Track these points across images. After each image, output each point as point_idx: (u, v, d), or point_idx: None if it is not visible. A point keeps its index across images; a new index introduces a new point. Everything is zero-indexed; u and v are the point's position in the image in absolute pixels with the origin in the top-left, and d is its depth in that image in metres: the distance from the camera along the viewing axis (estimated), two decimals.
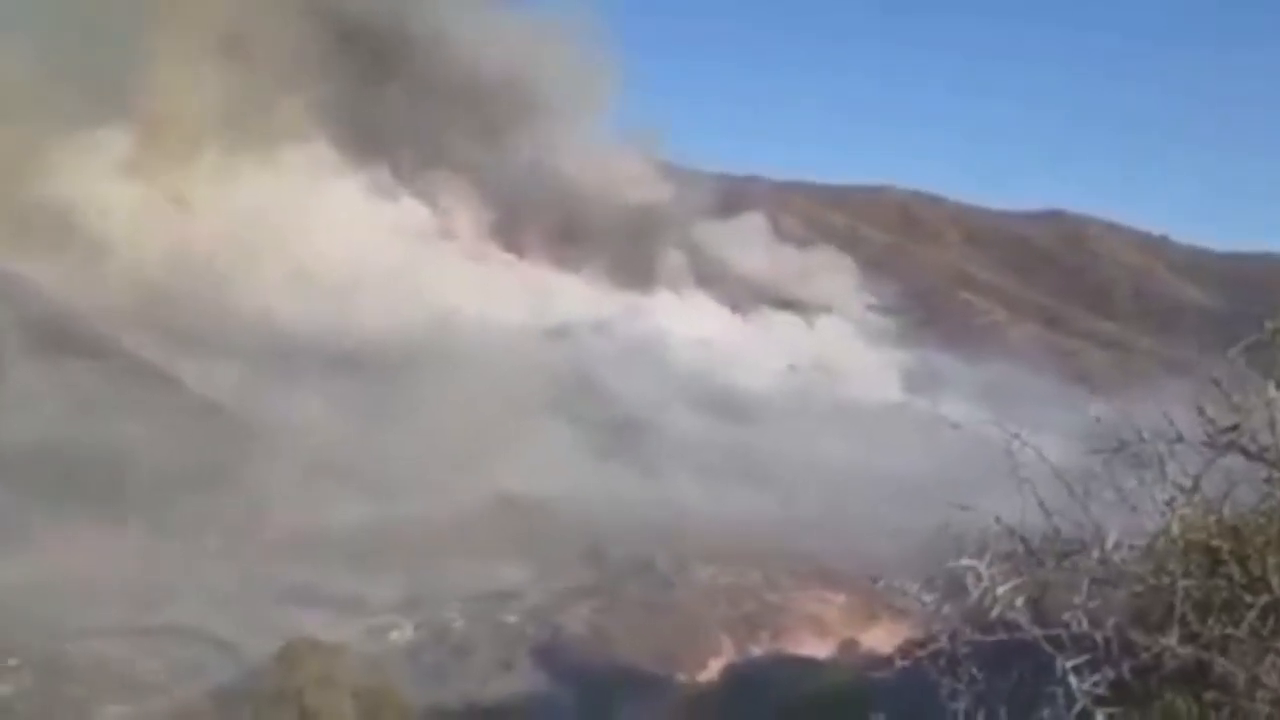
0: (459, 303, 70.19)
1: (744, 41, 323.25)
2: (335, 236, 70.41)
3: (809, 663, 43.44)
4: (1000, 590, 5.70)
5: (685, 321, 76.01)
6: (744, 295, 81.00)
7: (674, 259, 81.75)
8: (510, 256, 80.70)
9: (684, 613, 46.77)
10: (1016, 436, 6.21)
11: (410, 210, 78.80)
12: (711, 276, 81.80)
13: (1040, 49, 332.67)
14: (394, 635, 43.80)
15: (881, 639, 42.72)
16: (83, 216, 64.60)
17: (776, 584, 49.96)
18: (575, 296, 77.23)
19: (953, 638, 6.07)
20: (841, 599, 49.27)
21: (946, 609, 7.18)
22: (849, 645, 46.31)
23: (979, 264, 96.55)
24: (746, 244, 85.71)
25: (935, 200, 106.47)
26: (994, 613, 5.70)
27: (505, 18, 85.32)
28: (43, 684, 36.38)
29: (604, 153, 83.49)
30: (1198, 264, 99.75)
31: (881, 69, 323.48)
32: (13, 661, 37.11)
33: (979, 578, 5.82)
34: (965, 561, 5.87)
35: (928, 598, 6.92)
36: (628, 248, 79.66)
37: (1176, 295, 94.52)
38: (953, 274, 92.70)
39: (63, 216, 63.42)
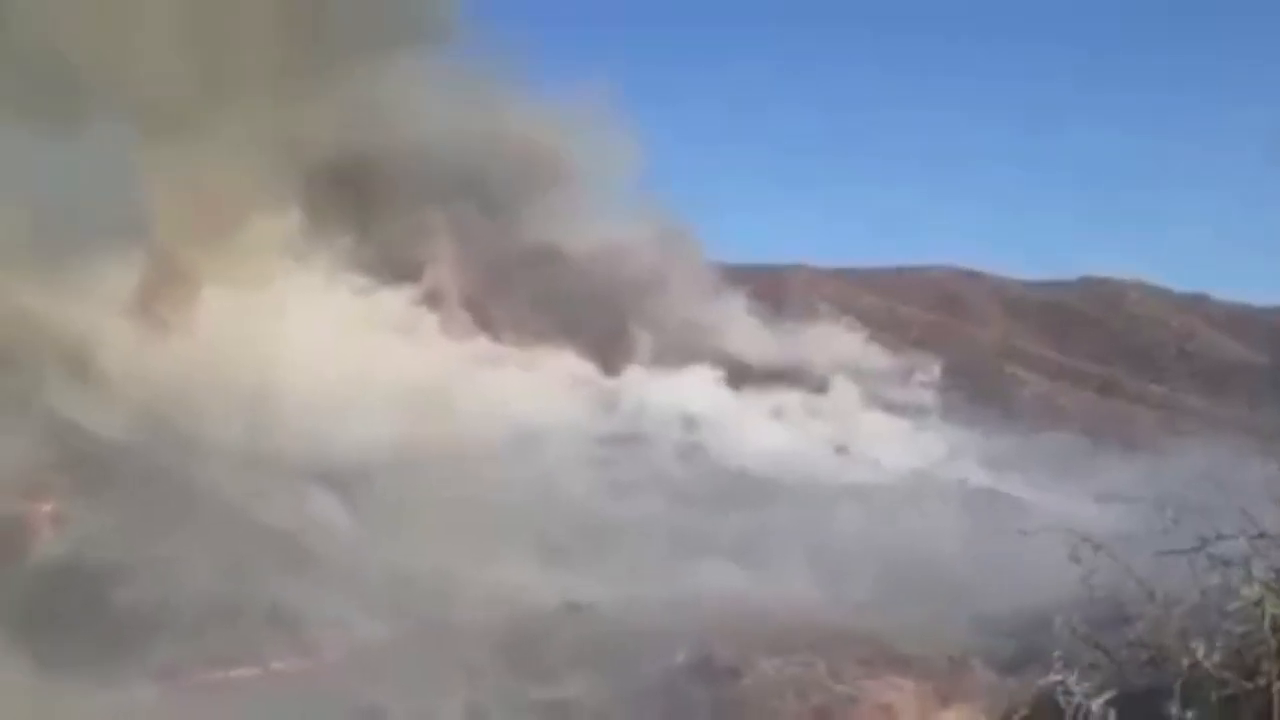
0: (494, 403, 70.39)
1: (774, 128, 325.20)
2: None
3: None
4: (1095, 706, 5.58)
5: (719, 406, 76.06)
6: (769, 377, 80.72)
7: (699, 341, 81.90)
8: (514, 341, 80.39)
9: (753, 708, 46.14)
10: (1087, 541, 6.10)
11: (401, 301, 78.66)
12: (734, 360, 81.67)
13: (1051, 113, 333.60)
14: None
15: None
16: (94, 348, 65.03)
17: (842, 673, 49.19)
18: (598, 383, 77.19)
19: None
20: (911, 684, 48.52)
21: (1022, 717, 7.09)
22: None
23: (1022, 336, 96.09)
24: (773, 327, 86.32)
25: (973, 275, 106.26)
26: None
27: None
28: None
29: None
30: (1239, 319, 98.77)
31: (909, 149, 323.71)
32: None
33: (1069, 693, 5.73)
34: (1054, 677, 5.78)
35: (1007, 707, 6.83)
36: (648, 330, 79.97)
37: (1221, 352, 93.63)
38: (997, 348, 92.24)
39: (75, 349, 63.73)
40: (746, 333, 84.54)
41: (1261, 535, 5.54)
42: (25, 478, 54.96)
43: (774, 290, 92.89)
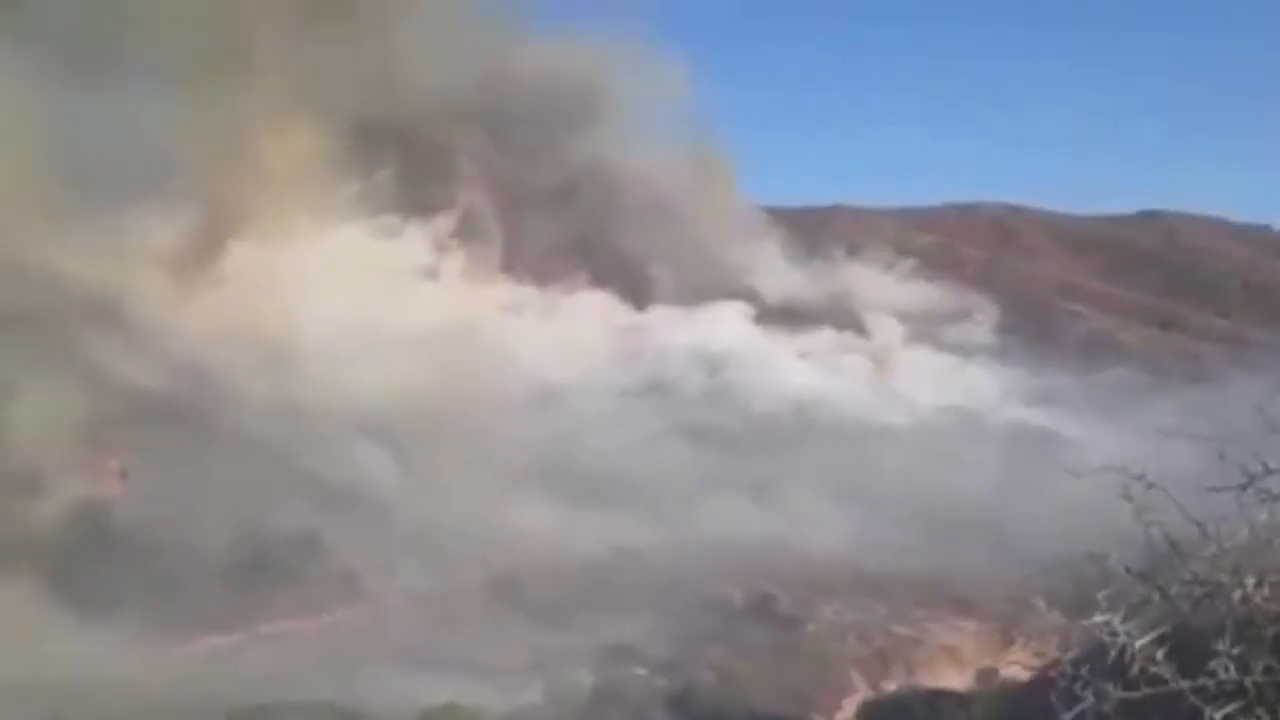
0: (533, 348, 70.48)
1: (822, 70, 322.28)
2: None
3: (949, 695, 42.53)
4: (1140, 644, 5.47)
5: (786, 346, 75.73)
6: (809, 317, 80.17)
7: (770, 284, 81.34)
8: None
9: (813, 652, 46.12)
10: (1141, 479, 5.97)
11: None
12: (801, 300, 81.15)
13: (1108, 50, 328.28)
14: (524, 695, 42.96)
15: (1021, 666, 41.60)
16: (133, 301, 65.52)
17: (904, 615, 49.20)
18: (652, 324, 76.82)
19: (1097, 697, 5.83)
20: (973, 626, 48.42)
21: (1071, 659, 6.94)
22: (987, 674, 45.31)
23: (1081, 272, 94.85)
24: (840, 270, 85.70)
25: (1027, 212, 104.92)
26: (1134, 670, 5.49)
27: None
28: None
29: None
30: None
31: (963, 84, 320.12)
32: None
33: (1114, 634, 5.61)
34: (1099, 618, 5.67)
35: (1068, 657, 6.68)
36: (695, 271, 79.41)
37: None
38: (1056, 285, 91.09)
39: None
40: (783, 272, 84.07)
41: None
42: (86, 434, 55.68)
43: (824, 230, 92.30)
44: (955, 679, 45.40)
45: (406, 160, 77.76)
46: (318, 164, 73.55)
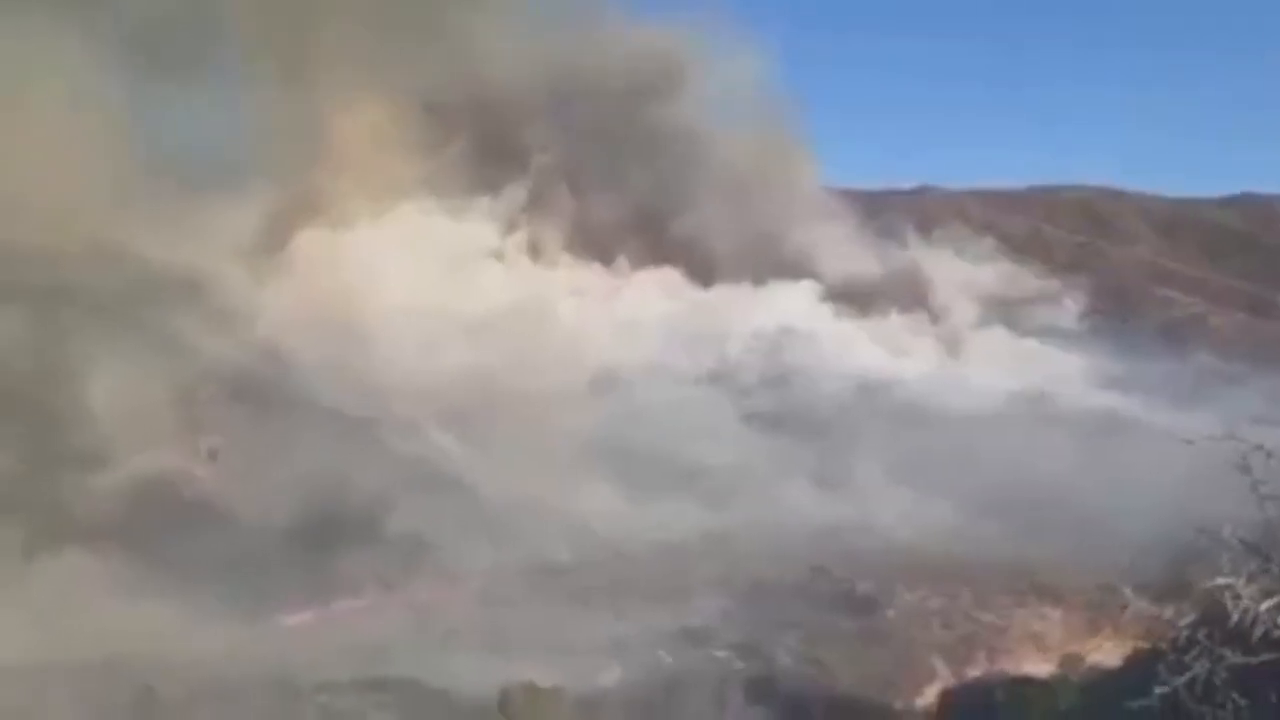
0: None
1: (905, 53, 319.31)
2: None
3: (1033, 681, 41.72)
4: (1263, 608, 5.18)
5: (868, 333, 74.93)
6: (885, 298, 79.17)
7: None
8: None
9: (896, 638, 45.46)
10: (1260, 448, 5.60)
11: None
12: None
13: (1205, 31, 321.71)
14: (604, 676, 42.85)
15: (1108, 652, 40.73)
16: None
17: (989, 602, 48.37)
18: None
19: (1213, 662, 5.56)
20: (1060, 614, 47.53)
21: (1189, 622, 6.62)
22: (1072, 661, 44.38)
23: (1173, 256, 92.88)
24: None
25: (1119, 195, 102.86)
26: (1257, 633, 5.20)
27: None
28: None
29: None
30: None
31: (1047, 68, 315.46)
32: None
33: (1237, 597, 5.32)
34: (1221, 580, 5.36)
35: (1170, 614, 6.40)
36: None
37: None
38: (1148, 269, 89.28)
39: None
40: (858, 254, 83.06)
41: None
42: (170, 412, 56.63)
43: (910, 212, 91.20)
44: (1040, 665, 44.55)
45: (477, 140, 78.01)
46: (391, 146, 74.06)
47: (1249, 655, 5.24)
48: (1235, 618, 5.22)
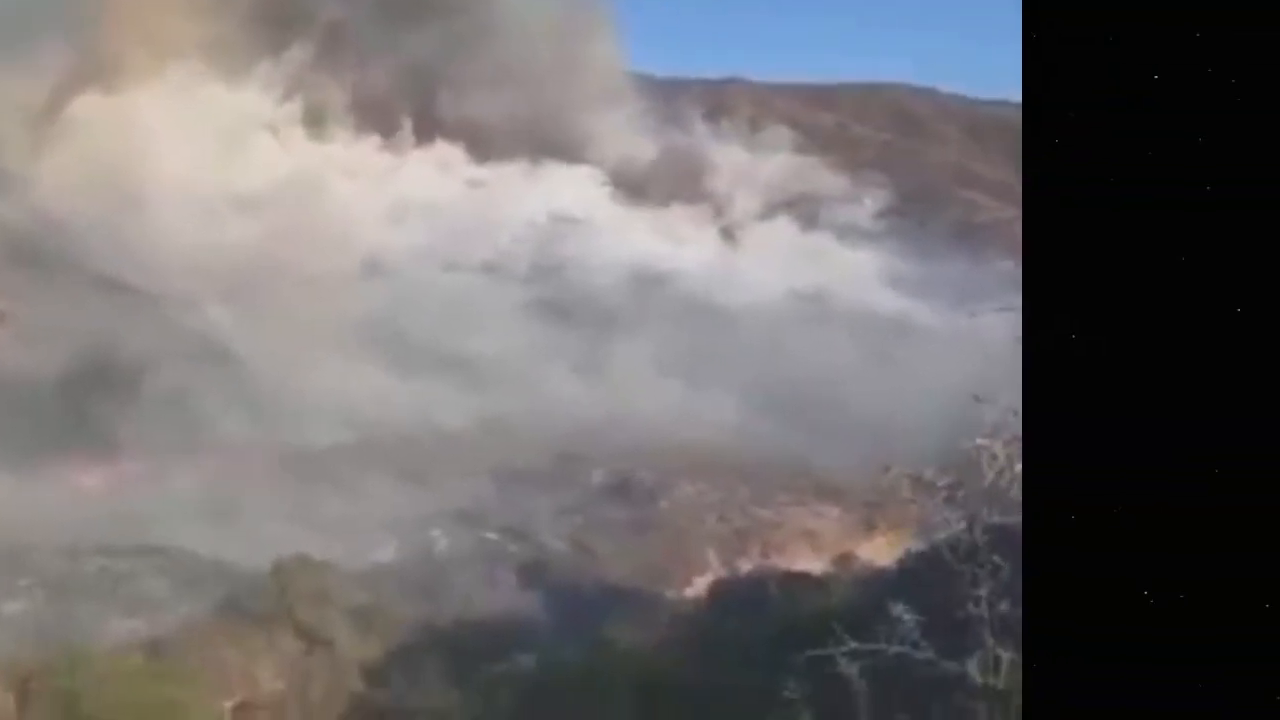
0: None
1: None
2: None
3: (805, 577, 42.10)
4: (1019, 468, 5.34)
5: (653, 228, 74.00)
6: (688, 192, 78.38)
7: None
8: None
9: (669, 529, 45.61)
10: None
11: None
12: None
13: None
14: (378, 554, 43.08)
15: (881, 551, 41.27)
16: None
17: (767, 499, 48.64)
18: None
19: (971, 523, 5.62)
20: (836, 512, 48.01)
21: (947, 483, 7.22)
22: (845, 559, 44.91)
23: (982, 159, 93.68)
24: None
25: (931, 94, 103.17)
26: (1013, 491, 5.36)
27: None
28: (54, 601, 36.84)
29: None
30: None
31: None
32: (24, 581, 37.86)
33: (994, 458, 5.54)
34: (980, 441, 5.57)
35: (941, 482, 6.50)
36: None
37: None
38: (953, 170, 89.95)
39: None
40: (638, 140, 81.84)
41: None
42: None
43: (710, 103, 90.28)
44: (814, 563, 44.97)
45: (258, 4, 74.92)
46: (174, 6, 70.82)
47: (1006, 516, 4.94)
48: (990, 477, 4.95)
